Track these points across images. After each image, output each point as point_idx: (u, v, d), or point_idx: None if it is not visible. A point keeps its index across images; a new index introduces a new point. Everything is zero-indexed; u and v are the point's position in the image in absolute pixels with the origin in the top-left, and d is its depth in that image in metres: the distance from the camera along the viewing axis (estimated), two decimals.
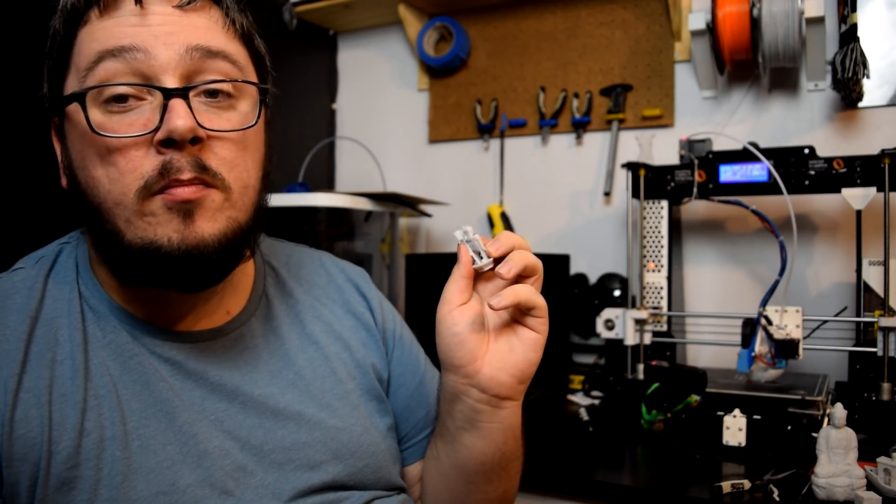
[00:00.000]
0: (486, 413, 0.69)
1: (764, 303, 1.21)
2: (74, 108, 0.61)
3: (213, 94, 0.63)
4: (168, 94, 0.60)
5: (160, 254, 0.60)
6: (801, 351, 1.19)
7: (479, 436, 0.71)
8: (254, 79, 0.68)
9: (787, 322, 1.21)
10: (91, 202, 0.62)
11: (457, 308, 0.66)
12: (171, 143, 0.59)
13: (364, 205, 1.58)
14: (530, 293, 0.64)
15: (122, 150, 0.60)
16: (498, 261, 0.66)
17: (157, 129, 0.59)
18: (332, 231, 1.61)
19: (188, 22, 0.62)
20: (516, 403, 0.70)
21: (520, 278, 0.65)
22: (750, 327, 1.21)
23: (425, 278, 1.51)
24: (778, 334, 1.19)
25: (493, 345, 0.67)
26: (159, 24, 0.61)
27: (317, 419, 0.72)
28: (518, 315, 0.67)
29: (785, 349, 1.19)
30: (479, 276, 0.68)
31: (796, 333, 1.20)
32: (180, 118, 0.58)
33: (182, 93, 0.60)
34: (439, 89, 1.95)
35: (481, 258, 0.66)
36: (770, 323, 1.20)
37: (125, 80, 0.60)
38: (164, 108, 0.59)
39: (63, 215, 0.68)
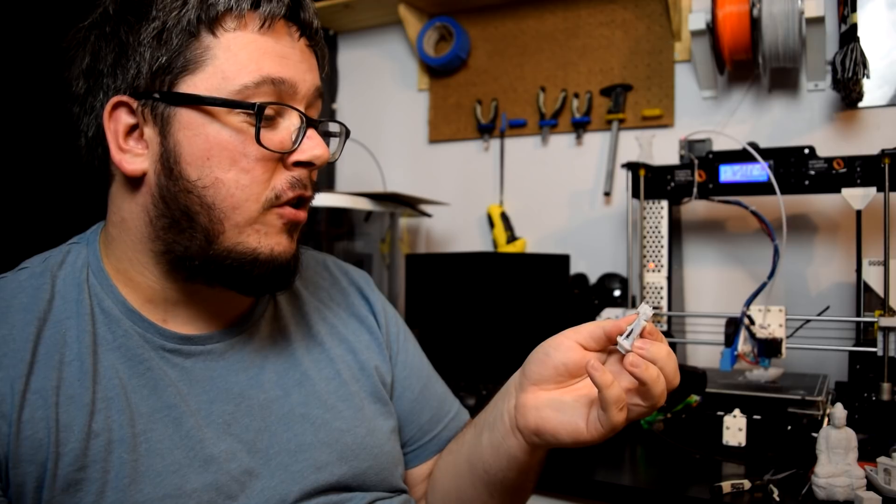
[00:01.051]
0: (504, 428, 0.70)
1: (748, 303, 1.22)
2: (220, 111, 0.62)
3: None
4: (310, 122, 0.67)
5: (256, 262, 0.65)
6: (783, 350, 1.20)
7: (491, 444, 0.72)
8: None
9: (770, 321, 1.21)
10: (200, 199, 0.63)
11: (572, 342, 0.64)
12: (308, 165, 0.67)
13: (364, 205, 1.58)
14: (618, 398, 0.59)
15: (261, 161, 0.64)
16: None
17: (292, 151, 0.66)
18: (332, 231, 1.61)
19: (313, 63, 0.70)
20: (527, 447, 0.68)
21: (632, 392, 0.62)
22: (733, 326, 1.22)
23: (425, 278, 1.51)
24: (760, 333, 1.20)
25: (557, 393, 0.65)
26: (301, 60, 0.67)
27: (322, 420, 0.72)
28: (595, 404, 0.62)
29: (768, 348, 1.19)
30: (615, 350, 0.63)
31: (779, 333, 1.20)
32: (321, 147, 0.67)
33: (316, 124, 0.68)
34: (439, 89, 1.95)
35: (628, 338, 0.61)
36: (753, 322, 1.21)
37: (271, 100, 0.64)
38: (303, 134, 0.66)
39: (63, 217, 0.68)
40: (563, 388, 0.65)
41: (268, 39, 0.64)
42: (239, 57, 0.63)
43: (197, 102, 0.62)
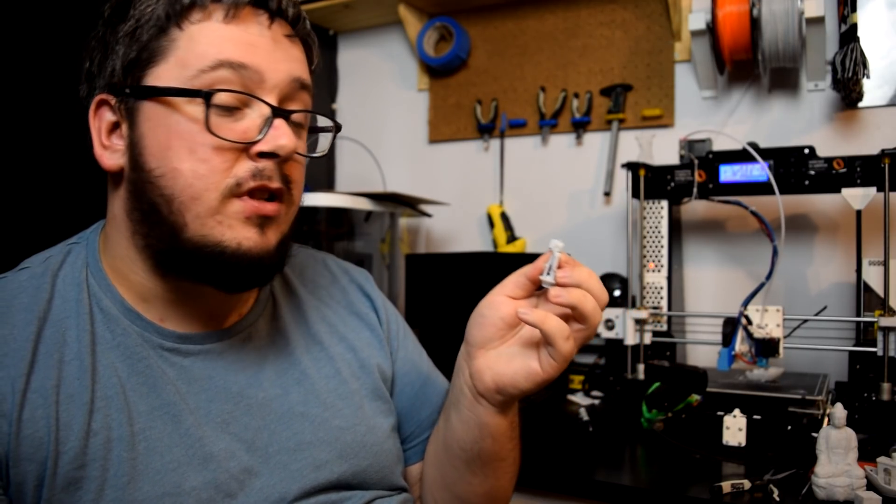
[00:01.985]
0: (467, 400, 0.71)
1: (746, 303, 1.22)
2: (179, 101, 0.62)
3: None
4: (276, 112, 0.64)
5: (223, 255, 0.63)
6: (781, 350, 1.20)
7: (459, 419, 0.73)
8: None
9: (767, 321, 1.21)
10: (160, 190, 0.63)
11: (501, 297, 0.68)
12: (272, 156, 0.64)
13: (364, 205, 1.58)
14: (558, 329, 0.62)
15: (219, 151, 0.62)
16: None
17: (256, 141, 0.63)
18: (332, 231, 1.61)
19: (292, 53, 0.67)
20: (494, 409, 0.70)
21: (570, 319, 0.64)
22: (730, 326, 1.22)
23: (425, 278, 1.51)
24: (758, 333, 1.20)
25: (504, 347, 0.68)
26: (273, 49, 0.65)
27: (321, 419, 0.72)
28: (541, 343, 0.66)
29: (765, 348, 1.20)
30: (544, 291, 0.66)
31: (777, 332, 1.20)
32: (286, 137, 0.64)
33: (286, 114, 0.65)
34: (439, 89, 1.95)
35: (549, 274, 0.64)
36: (750, 322, 1.21)
37: (233, 87, 0.63)
38: (269, 124, 0.64)
39: (62, 217, 0.68)
40: (507, 340, 0.68)
41: (233, 28, 0.63)
42: (199, 45, 0.63)
43: (155, 94, 0.63)
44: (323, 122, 0.75)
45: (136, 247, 0.67)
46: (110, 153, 0.66)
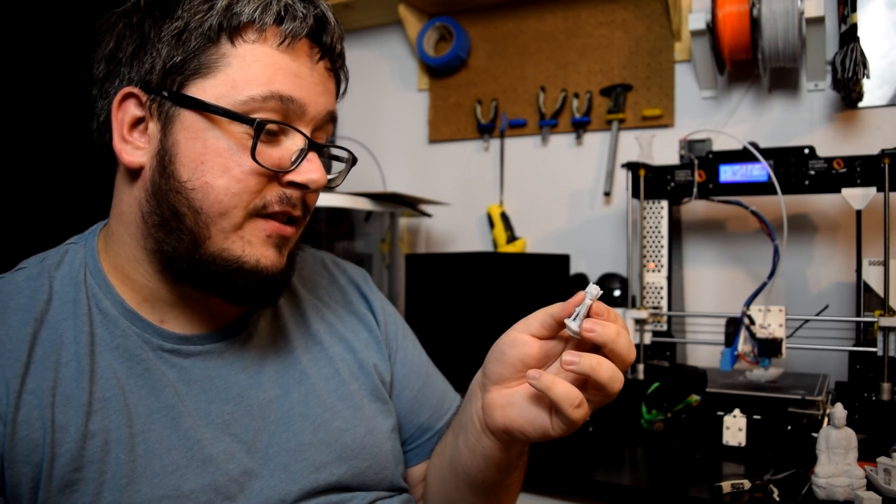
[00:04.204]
0: (475, 430, 0.69)
1: (748, 303, 1.22)
2: (223, 119, 0.62)
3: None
4: (312, 145, 0.66)
5: (241, 270, 0.64)
6: (784, 350, 1.20)
7: (466, 446, 0.72)
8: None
9: (770, 321, 1.21)
10: (189, 202, 0.63)
11: (525, 335, 0.64)
12: (302, 187, 0.66)
13: (364, 205, 1.58)
14: (566, 397, 0.58)
15: (254, 175, 0.64)
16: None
17: (289, 170, 0.65)
18: (332, 231, 1.61)
19: (330, 87, 0.69)
20: (500, 445, 0.68)
21: (586, 384, 0.60)
22: (733, 326, 1.22)
23: (425, 278, 1.51)
24: (760, 333, 1.20)
25: (521, 388, 0.64)
26: (317, 83, 0.67)
27: (321, 420, 0.72)
28: (553, 404, 0.61)
29: (768, 348, 1.20)
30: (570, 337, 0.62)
31: (779, 332, 1.20)
32: (318, 171, 0.66)
33: (319, 148, 0.67)
34: (439, 89, 1.95)
35: (575, 320, 0.60)
36: (753, 322, 1.21)
37: (276, 117, 0.64)
38: (303, 156, 0.65)
39: (61, 216, 0.68)
40: (525, 382, 0.64)
41: (285, 57, 0.64)
42: (252, 68, 0.63)
43: (202, 108, 0.62)
44: (340, 151, 0.75)
45: (145, 248, 0.66)
46: (132, 149, 0.65)
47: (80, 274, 0.67)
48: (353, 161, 0.74)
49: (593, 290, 0.60)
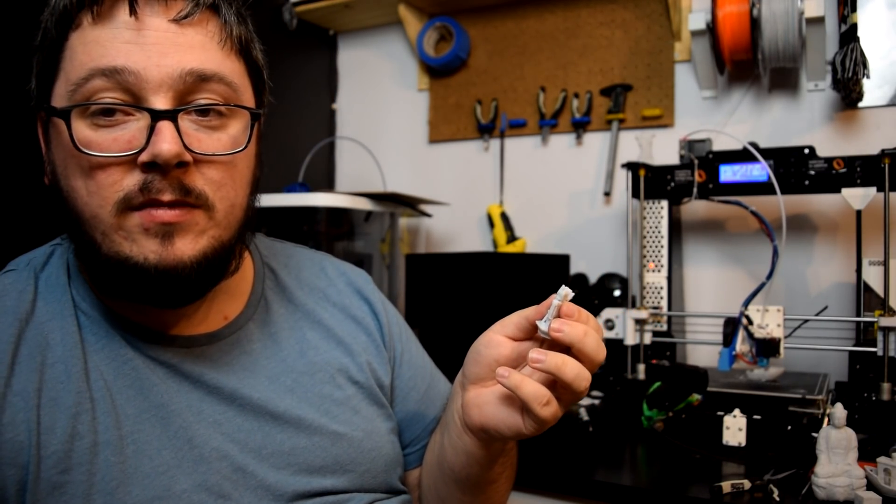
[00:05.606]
0: (456, 428, 0.70)
1: (746, 303, 1.22)
2: (60, 119, 0.60)
3: (204, 112, 0.62)
4: (156, 115, 0.58)
5: (136, 270, 0.59)
6: (782, 350, 1.20)
7: (450, 444, 0.72)
8: (249, 95, 0.66)
9: (768, 321, 1.21)
10: (71, 210, 0.61)
11: (500, 336, 0.65)
12: (154, 165, 0.58)
13: (364, 205, 1.58)
14: (533, 395, 0.59)
15: (104, 166, 0.59)
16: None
17: (142, 150, 0.58)
18: (332, 231, 1.61)
19: (184, 40, 0.60)
20: (479, 443, 0.68)
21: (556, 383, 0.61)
22: (731, 326, 1.22)
23: (425, 278, 1.51)
24: (758, 333, 1.20)
25: (497, 387, 0.64)
26: (153, 42, 0.59)
27: (317, 424, 0.71)
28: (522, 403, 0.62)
29: (766, 348, 1.20)
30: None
31: (777, 332, 1.20)
32: (166, 142, 0.57)
33: (171, 115, 0.59)
34: (439, 89, 1.95)
35: (545, 322, 0.61)
36: (751, 322, 1.21)
37: (113, 94, 0.58)
38: (151, 130, 0.58)
39: (50, 214, 0.68)
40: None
41: (103, 29, 0.58)
42: (76, 55, 0.59)
43: (50, 112, 0.61)
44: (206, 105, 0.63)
45: (82, 266, 0.66)
46: (46, 170, 0.65)
47: (64, 276, 0.67)
48: (253, 116, 0.64)
49: (563, 291, 0.61)
